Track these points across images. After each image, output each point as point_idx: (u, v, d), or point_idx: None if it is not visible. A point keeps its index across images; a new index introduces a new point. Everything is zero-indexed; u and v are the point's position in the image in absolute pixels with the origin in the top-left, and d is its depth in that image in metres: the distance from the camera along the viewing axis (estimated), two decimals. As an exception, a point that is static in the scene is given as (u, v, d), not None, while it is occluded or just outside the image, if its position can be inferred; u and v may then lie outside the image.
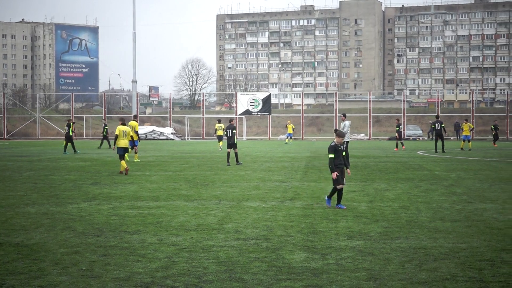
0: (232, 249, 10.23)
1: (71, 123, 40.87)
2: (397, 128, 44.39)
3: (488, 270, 8.87)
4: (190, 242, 10.85)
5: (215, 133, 46.11)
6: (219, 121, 46.37)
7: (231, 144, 28.58)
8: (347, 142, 28.05)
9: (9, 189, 19.18)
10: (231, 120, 30.80)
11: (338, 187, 14.21)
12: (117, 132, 24.69)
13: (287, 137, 60.01)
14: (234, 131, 29.23)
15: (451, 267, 9.03)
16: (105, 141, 48.03)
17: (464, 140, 43.97)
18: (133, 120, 32.71)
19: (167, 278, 8.46)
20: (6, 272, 8.81)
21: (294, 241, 10.91)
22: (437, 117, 41.92)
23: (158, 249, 10.28)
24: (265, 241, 10.91)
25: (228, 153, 28.91)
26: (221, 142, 43.48)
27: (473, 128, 43.96)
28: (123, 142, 24.55)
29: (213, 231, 11.86)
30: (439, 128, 39.62)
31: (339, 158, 14.54)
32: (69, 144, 39.37)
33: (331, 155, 14.36)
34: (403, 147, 44.44)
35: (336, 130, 15.14)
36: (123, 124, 25.31)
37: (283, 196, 17.22)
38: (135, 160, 31.11)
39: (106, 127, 49.34)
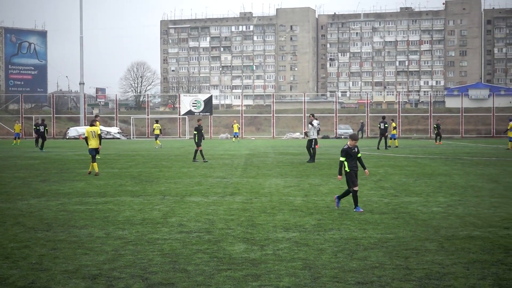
0: (176, 242, 10.19)
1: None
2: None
3: (413, 258, 9.04)
4: (135, 235, 10.76)
5: (153, 131, 49.49)
6: (157, 121, 49.58)
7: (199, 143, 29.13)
8: (315, 139, 28.39)
9: (-40, 186, 18.72)
10: (198, 120, 30.98)
11: (355, 188, 13.49)
12: (86, 134, 23.16)
13: (234, 136, 61.16)
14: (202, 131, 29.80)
15: (379, 256, 9.17)
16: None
17: (391, 139, 44.66)
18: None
19: (114, 270, 8.38)
20: None
21: (234, 233, 10.92)
22: (383, 117, 42.65)
23: (105, 242, 10.17)
24: (207, 234, 10.89)
25: (201, 150, 29.19)
26: (157, 140, 47.46)
27: (395, 127, 44.79)
28: (95, 143, 22.82)
29: (158, 225, 11.79)
30: (383, 127, 40.31)
31: (354, 161, 13.63)
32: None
33: (342, 158, 13.60)
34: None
35: (351, 135, 13.94)
36: (92, 125, 23.53)
37: (224, 191, 17.21)
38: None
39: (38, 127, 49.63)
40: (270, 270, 8.36)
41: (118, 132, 70.78)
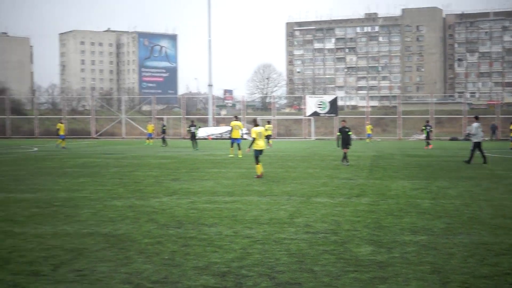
0: (302, 242, 10.21)
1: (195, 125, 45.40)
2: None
3: (549, 265, 8.62)
4: (263, 234, 10.88)
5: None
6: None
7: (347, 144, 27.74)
8: (479, 142, 27.58)
9: (98, 183, 19.57)
10: (343, 121, 29.25)
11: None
12: (254, 135, 21.83)
13: (367, 137, 61.52)
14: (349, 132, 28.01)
15: (512, 262, 8.83)
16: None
17: (512, 141, 43.59)
18: (236, 121, 35.79)
19: (242, 268, 8.50)
20: (96, 259, 9.01)
21: (361, 235, 10.82)
22: None
23: (234, 241, 10.33)
24: (333, 235, 10.85)
25: (345, 153, 27.78)
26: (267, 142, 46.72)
27: None
28: (262, 144, 21.79)
29: (285, 224, 11.86)
30: None
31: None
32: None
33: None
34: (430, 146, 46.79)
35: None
36: (257, 125, 22.25)
37: (350, 192, 17.09)
38: (232, 155, 33.92)
39: (164, 127, 53.98)
40: (397, 273, 8.22)
41: (245, 133, 71.84)
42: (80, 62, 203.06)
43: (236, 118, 36.80)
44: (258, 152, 21.73)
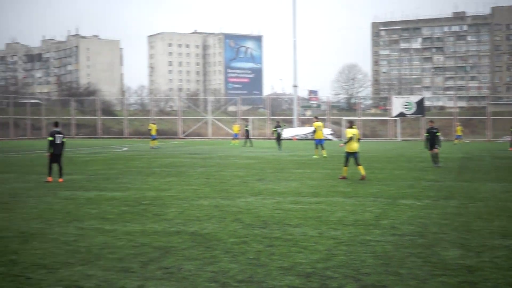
0: (388, 244, 10.08)
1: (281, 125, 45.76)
2: None
3: None
4: (348, 236, 10.80)
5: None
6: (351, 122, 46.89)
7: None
8: None
9: (185, 183, 19.89)
10: (430, 121, 28.80)
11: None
12: (349, 136, 21.39)
13: (456, 139, 60.26)
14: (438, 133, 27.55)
15: None
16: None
17: None
18: (317, 121, 35.69)
19: (327, 269, 8.46)
20: (183, 257, 9.15)
21: (449, 238, 10.59)
22: None
23: (319, 241, 10.30)
24: (420, 237, 10.66)
25: (436, 153, 27.11)
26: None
27: None
28: (355, 146, 21.26)
29: (370, 226, 11.74)
30: None
31: None
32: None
33: None
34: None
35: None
36: (351, 127, 21.70)
37: (437, 195, 16.75)
38: (317, 156, 33.96)
39: (247, 127, 54.23)
40: (487, 278, 8.00)
41: (330, 134, 71.50)
42: (167, 64, 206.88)
43: (317, 119, 36.62)
44: (350, 154, 21.44)
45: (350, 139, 21.29)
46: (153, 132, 47.56)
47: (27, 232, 11.21)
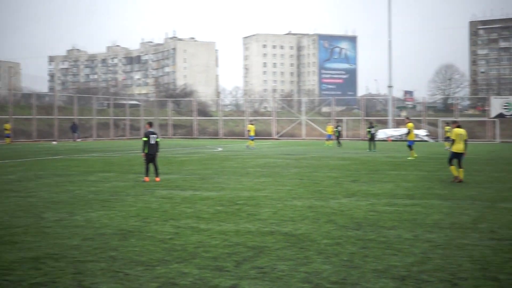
0: (486, 249, 9.80)
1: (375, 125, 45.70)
2: None
3: None
4: (444, 239, 10.56)
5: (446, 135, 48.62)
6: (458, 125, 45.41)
7: None
8: None
9: (279, 183, 19.95)
10: None
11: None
12: (453, 137, 21.04)
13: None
14: None
15: None
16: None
17: None
18: (409, 122, 35.19)
19: (422, 273, 8.31)
20: (277, 257, 9.18)
21: (551, 243, 10.19)
22: None
23: (414, 244, 10.13)
24: (520, 242, 10.32)
25: None
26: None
27: None
28: (461, 147, 20.82)
29: (467, 230, 11.45)
30: None
31: None
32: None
33: None
34: None
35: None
36: (459, 126, 21.25)
37: (538, 198, 16.16)
38: (412, 157, 33.27)
39: (337, 128, 53.66)
40: None
41: (426, 135, 70.13)
42: (262, 65, 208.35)
43: (409, 120, 35.97)
44: (455, 155, 21.01)
45: (454, 140, 20.95)
46: (252, 133, 47.95)
47: (126, 229, 11.53)
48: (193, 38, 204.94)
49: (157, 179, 20.96)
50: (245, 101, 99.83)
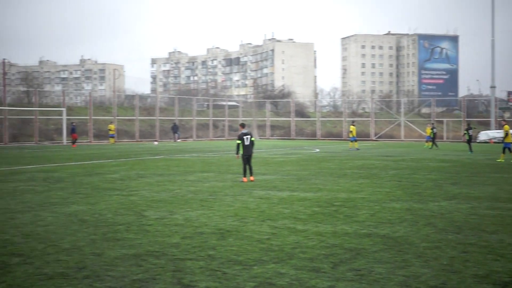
0: None
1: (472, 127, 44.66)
2: None
3: None
4: (550, 245, 10.15)
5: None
6: None
7: None
8: None
9: (377, 185, 19.73)
10: None
11: None
12: None
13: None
14: None
15: None
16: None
17: None
18: (506, 124, 34.30)
19: (527, 280, 8.01)
20: (374, 260, 9.08)
21: None
22: None
23: (518, 250, 9.79)
24: None
25: None
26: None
27: None
28: None
29: None
30: None
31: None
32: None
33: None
34: None
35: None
36: None
37: None
38: (501, 160, 32.62)
39: (433, 129, 52.08)
40: None
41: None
42: (360, 66, 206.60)
43: (505, 122, 34.74)
44: None
45: None
46: (354, 134, 47.59)
47: (224, 229, 11.67)
48: (291, 39, 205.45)
49: (251, 178, 21.15)
50: (343, 102, 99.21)
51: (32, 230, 11.57)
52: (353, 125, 48.69)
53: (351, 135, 47.91)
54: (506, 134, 33.39)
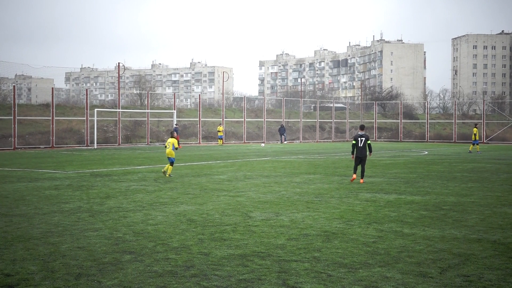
0: None
1: None
2: None
3: None
4: None
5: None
6: None
7: None
8: None
9: (487, 189, 19.13)
10: None
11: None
12: None
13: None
14: None
15: None
16: None
17: None
18: None
19: None
20: (484, 266, 8.81)
21: None
22: None
23: None
24: None
25: None
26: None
27: None
28: None
29: None
30: None
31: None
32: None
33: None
34: None
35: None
36: None
37: None
38: None
39: None
40: None
41: None
42: (472, 66, 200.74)
43: None
44: None
45: None
46: (476, 137, 45.87)
47: (329, 231, 11.64)
48: (400, 40, 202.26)
49: (361, 180, 20.99)
50: (453, 104, 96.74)
51: (143, 228, 11.94)
52: (476, 127, 46.98)
53: (474, 138, 46.01)
54: None
